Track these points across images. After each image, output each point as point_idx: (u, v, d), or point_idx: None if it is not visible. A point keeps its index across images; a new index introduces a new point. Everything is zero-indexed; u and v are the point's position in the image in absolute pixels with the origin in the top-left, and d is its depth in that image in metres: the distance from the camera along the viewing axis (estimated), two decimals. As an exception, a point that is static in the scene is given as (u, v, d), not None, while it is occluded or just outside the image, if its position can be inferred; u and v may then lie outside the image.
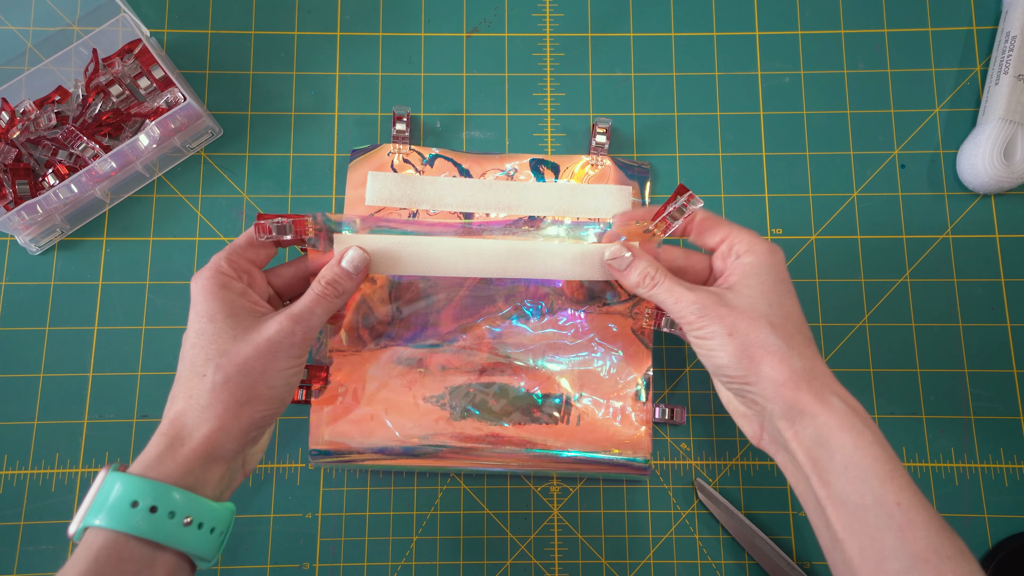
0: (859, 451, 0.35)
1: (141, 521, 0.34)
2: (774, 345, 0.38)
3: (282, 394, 0.40)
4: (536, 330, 0.49)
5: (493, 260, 0.47)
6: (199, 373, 0.39)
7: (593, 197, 0.52)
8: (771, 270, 0.41)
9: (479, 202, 0.52)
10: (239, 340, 0.39)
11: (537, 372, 0.49)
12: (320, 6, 0.56)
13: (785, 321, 0.39)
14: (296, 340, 0.40)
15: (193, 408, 0.38)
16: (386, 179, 0.52)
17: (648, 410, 0.49)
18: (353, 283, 0.44)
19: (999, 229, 0.53)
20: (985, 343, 0.52)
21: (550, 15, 0.57)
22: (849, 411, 0.37)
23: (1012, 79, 0.52)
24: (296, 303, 0.42)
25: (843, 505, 0.35)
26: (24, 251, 0.52)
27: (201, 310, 0.41)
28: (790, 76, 0.56)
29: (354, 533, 0.49)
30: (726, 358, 0.39)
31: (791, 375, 0.38)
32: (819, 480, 0.36)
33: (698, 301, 0.40)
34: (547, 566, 0.49)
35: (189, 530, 0.35)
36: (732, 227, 0.43)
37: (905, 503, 0.34)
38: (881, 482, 0.35)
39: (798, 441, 0.37)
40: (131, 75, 0.53)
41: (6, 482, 0.49)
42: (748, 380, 0.39)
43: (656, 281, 0.42)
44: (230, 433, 0.38)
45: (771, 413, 0.39)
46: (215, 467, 0.38)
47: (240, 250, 0.43)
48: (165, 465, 0.36)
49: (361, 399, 0.48)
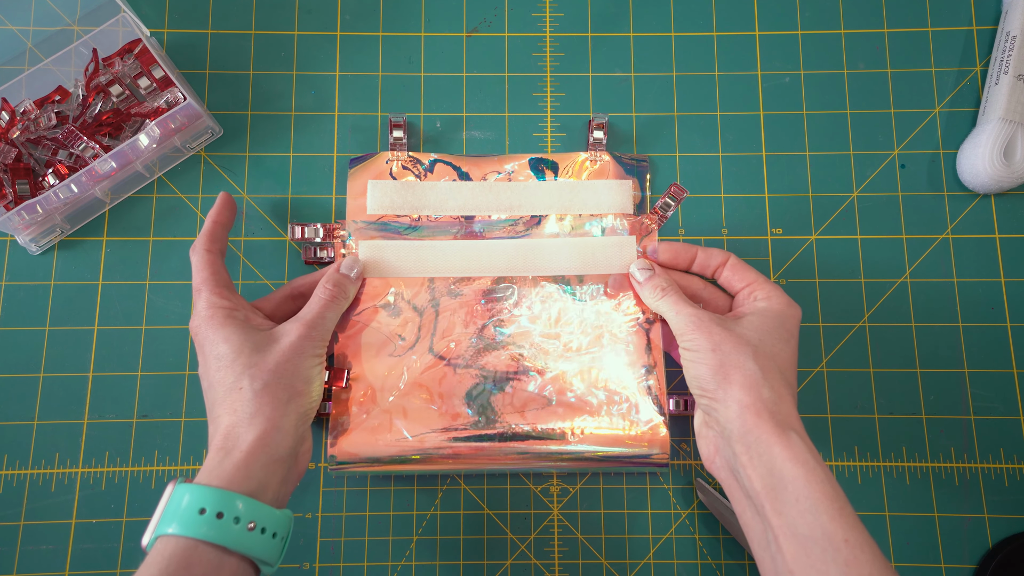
0: (810, 486, 0.36)
1: (208, 527, 0.36)
2: (750, 370, 0.40)
3: (316, 388, 0.44)
4: (546, 328, 0.50)
5: (501, 259, 0.50)
6: (235, 388, 0.41)
7: (594, 193, 0.52)
8: (779, 318, 0.44)
9: (480, 204, 0.52)
10: (262, 352, 0.42)
11: (549, 370, 0.49)
12: (320, 6, 0.56)
13: (769, 358, 0.41)
14: (315, 340, 0.44)
15: (242, 419, 0.40)
16: (386, 187, 0.52)
17: (663, 402, 0.49)
18: (354, 284, 0.48)
19: (999, 229, 0.53)
20: (985, 343, 0.52)
21: (550, 15, 0.57)
22: (804, 448, 0.38)
23: (1012, 79, 0.52)
24: (304, 311, 0.45)
25: (794, 536, 0.36)
26: (24, 251, 0.52)
27: (213, 338, 0.42)
28: (790, 76, 0.56)
29: (354, 533, 0.49)
30: (704, 370, 0.42)
31: (756, 401, 0.39)
32: (772, 508, 0.37)
33: (695, 315, 0.44)
34: (547, 566, 0.49)
35: (253, 535, 0.37)
36: (759, 277, 0.46)
37: (852, 540, 0.35)
38: (830, 518, 0.36)
39: (752, 467, 0.39)
40: (131, 75, 0.53)
41: (6, 482, 0.49)
42: (717, 396, 0.41)
43: (665, 293, 0.46)
44: (283, 431, 0.40)
45: (730, 434, 0.40)
46: (275, 469, 0.39)
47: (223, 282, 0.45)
48: (227, 473, 0.38)
49: (376, 406, 0.48)
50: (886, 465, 0.50)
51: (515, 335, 0.50)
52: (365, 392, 0.48)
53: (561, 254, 0.51)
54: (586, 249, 0.51)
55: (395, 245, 0.50)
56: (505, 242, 0.50)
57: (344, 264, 0.48)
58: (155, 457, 0.50)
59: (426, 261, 0.50)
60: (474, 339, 0.49)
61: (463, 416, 0.48)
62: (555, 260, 0.51)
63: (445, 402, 0.48)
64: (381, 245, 0.50)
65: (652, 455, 0.48)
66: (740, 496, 0.41)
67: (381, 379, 0.49)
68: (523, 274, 0.50)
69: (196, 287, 0.44)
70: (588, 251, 0.51)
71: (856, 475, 0.50)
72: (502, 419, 0.48)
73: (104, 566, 0.48)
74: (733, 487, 0.41)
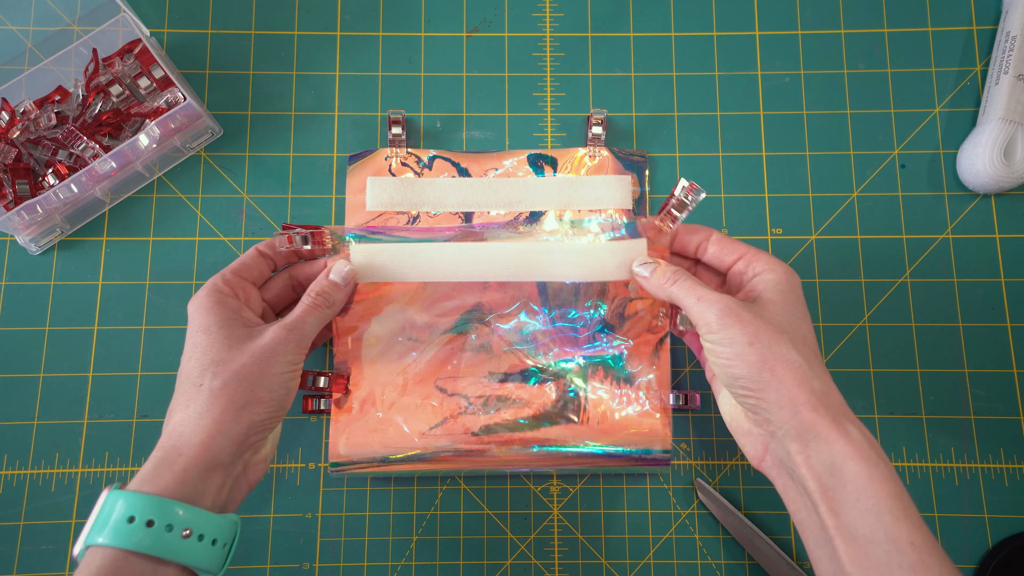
0: (873, 484, 0.34)
1: (139, 536, 0.34)
2: (796, 362, 0.37)
3: (280, 397, 0.41)
4: (545, 325, 0.49)
5: (501, 264, 0.49)
6: (195, 383, 0.39)
7: (593, 188, 0.52)
8: (791, 290, 0.41)
9: (479, 200, 0.52)
10: (234, 349, 0.40)
11: (550, 367, 0.49)
12: (320, 6, 0.56)
13: (804, 343, 0.39)
14: (291, 347, 0.41)
15: (190, 417, 0.38)
16: (385, 183, 0.52)
17: (663, 398, 0.49)
18: (342, 294, 0.46)
19: (999, 229, 0.53)
20: (985, 343, 0.52)
21: (550, 15, 0.57)
22: (865, 442, 0.36)
23: (1012, 79, 0.52)
24: (289, 314, 0.43)
25: (853, 538, 0.34)
26: (24, 251, 0.52)
27: (196, 325, 0.42)
28: (790, 76, 0.56)
29: (354, 533, 0.49)
30: (745, 368, 0.38)
31: (811, 396, 0.37)
32: (828, 509, 0.35)
33: (721, 302, 0.39)
34: (547, 566, 0.49)
35: (189, 542, 0.35)
36: (749, 248, 0.43)
37: (919, 543, 0.33)
38: (895, 519, 0.33)
39: (808, 466, 0.36)
40: (131, 75, 0.53)
41: (6, 482, 0.49)
42: (765, 396, 0.38)
43: (677, 278, 0.43)
44: (228, 437, 0.38)
45: (784, 433, 0.37)
46: (214, 475, 0.37)
47: (239, 269, 0.45)
48: (162, 478, 0.36)
49: (378, 406, 0.48)
50: (886, 465, 0.50)
51: (513, 331, 0.49)
52: (365, 392, 0.48)
53: (566, 260, 0.49)
54: (591, 255, 0.49)
55: (390, 249, 0.49)
56: (506, 245, 0.49)
57: (334, 270, 0.46)
58: (155, 457, 0.50)
59: (422, 265, 0.49)
60: (474, 336, 0.49)
61: (465, 416, 0.48)
62: (559, 266, 0.49)
63: (446, 401, 0.48)
64: (375, 249, 0.49)
65: (654, 452, 0.48)
66: (795, 495, 0.38)
67: (382, 379, 0.49)
68: (524, 279, 0.49)
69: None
70: (593, 257, 0.49)
71: (856, 475, 0.50)
72: (503, 418, 0.48)
73: (104, 566, 0.48)
74: (787, 486, 0.38)
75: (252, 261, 0.46)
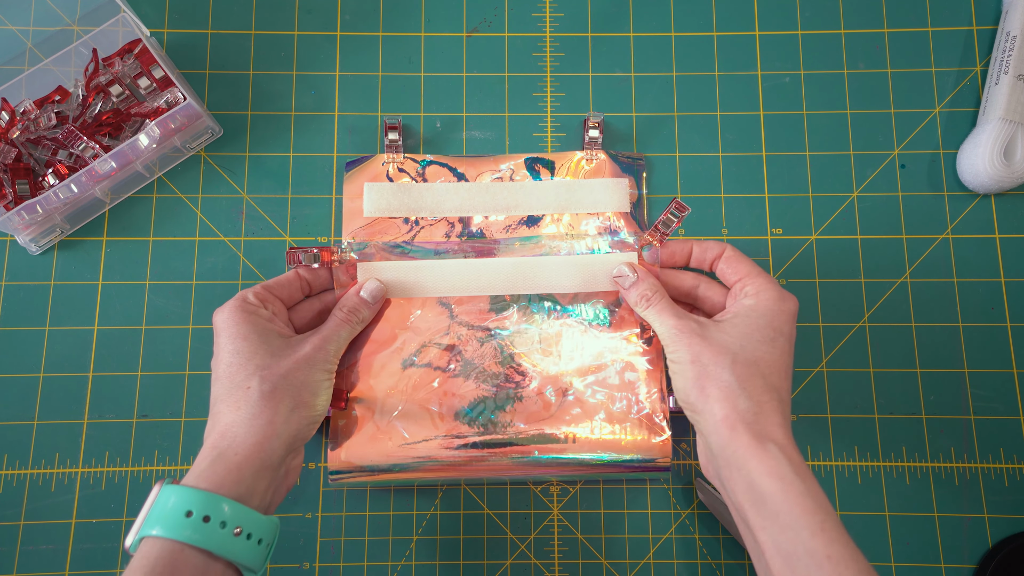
0: (788, 501, 0.36)
1: (195, 531, 0.35)
2: (725, 381, 0.40)
3: (322, 404, 0.43)
4: (544, 330, 0.50)
5: (500, 278, 0.50)
6: (242, 387, 0.41)
7: (590, 192, 0.52)
8: (765, 316, 0.42)
9: (477, 205, 0.52)
10: (277, 356, 0.42)
11: (548, 373, 0.49)
12: (320, 6, 0.56)
13: (750, 364, 0.40)
14: (329, 356, 0.44)
15: (242, 419, 0.40)
16: (382, 189, 0.52)
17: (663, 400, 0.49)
18: (371, 310, 0.48)
19: (999, 229, 0.53)
20: (985, 343, 0.52)
21: (550, 15, 0.57)
22: (782, 459, 0.37)
23: (1012, 79, 0.52)
24: (322, 327, 0.45)
25: (778, 551, 0.36)
26: (24, 251, 0.52)
27: (233, 333, 0.42)
28: (790, 76, 0.56)
29: (354, 533, 0.49)
30: (682, 383, 0.42)
31: (731, 413, 0.39)
32: (755, 523, 0.37)
33: (677, 326, 0.43)
34: (547, 566, 0.49)
35: (239, 540, 0.36)
36: (753, 269, 0.45)
37: (835, 556, 0.34)
38: (811, 533, 0.35)
39: (733, 481, 0.38)
40: (131, 75, 0.53)
41: (6, 482, 0.49)
42: (696, 409, 0.41)
43: (651, 303, 0.45)
44: (280, 439, 0.40)
45: (712, 447, 0.40)
46: (263, 476, 0.39)
47: (272, 286, 0.46)
48: (218, 476, 0.37)
49: (375, 416, 0.48)
50: (886, 465, 0.50)
51: (515, 335, 0.50)
52: (366, 402, 0.49)
53: (562, 272, 0.50)
54: (588, 267, 0.50)
55: (393, 267, 0.50)
56: (504, 260, 0.50)
57: (365, 288, 0.48)
58: (155, 457, 0.50)
59: (424, 282, 0.50)
60: (474, 341, 0.49)
61: (464, 424, 0.48)
62: (556, 278, 0.50)
63: (446, 409, 0.48)
64: (378, 267, 0.49)
65: (655, 460, 0.48)
66: (733, 510, 0.40)
67: (382, 388, 0.49)
68: (523, 292, 0.50)
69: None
70: (590, 269, 0.50)
71: (856, 475, 0.50)
72: (503, 426, 0.48)
73: (104, 566, 0.48)
74: (726, 498, 0.41)
75: (287, 281, 0.47)
